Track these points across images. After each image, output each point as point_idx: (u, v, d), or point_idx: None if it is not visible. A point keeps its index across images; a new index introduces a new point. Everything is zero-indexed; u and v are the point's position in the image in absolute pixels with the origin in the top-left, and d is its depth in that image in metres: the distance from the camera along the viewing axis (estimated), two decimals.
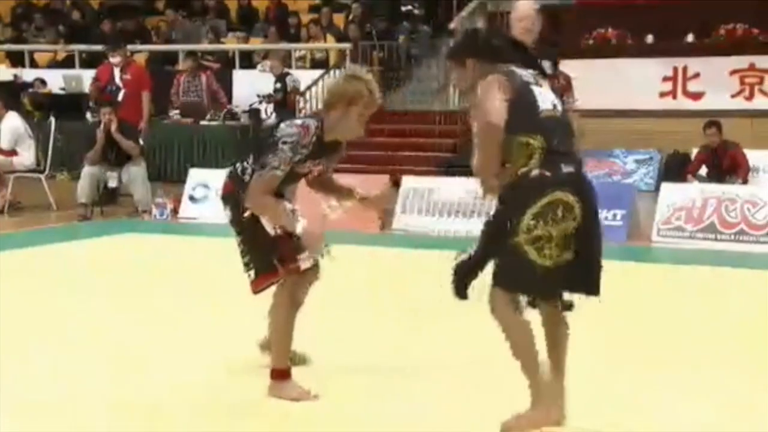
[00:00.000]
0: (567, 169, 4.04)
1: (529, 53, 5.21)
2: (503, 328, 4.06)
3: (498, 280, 4.05)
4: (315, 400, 4.60)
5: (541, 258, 3.96)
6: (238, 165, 4.73)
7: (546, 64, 5.92)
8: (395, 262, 8.69)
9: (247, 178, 4.64)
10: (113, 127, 11.41)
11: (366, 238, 9.64)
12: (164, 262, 8.65)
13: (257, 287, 4.71)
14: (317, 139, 4.60)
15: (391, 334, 5.92)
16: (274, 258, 4.62)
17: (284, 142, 4.51)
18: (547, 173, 3.99)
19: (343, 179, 5.07)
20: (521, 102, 4.04)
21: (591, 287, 4.14)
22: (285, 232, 4.59)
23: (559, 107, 4.20)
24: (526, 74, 4.17)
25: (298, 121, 4.62)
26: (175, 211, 11.57)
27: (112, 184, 11.66)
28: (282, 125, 4.60)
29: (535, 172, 3.99)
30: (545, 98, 4.13)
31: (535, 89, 4.13)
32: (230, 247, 4.80)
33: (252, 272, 4.68)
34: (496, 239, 4.05)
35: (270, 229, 4.62)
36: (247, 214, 4.62)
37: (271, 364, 4.73)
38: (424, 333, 5.90)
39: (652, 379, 4.95)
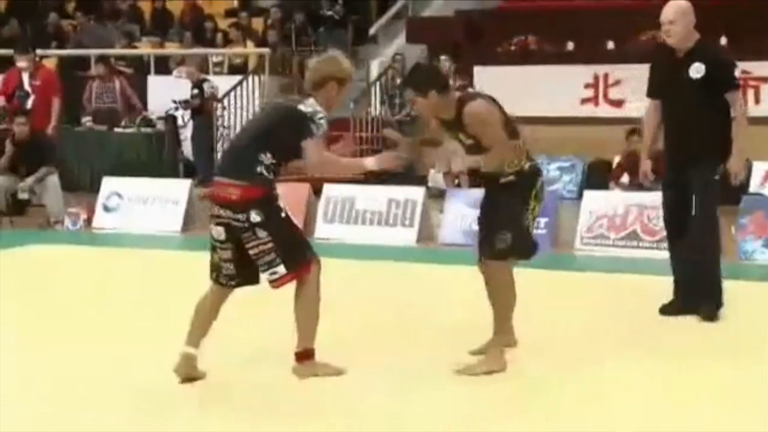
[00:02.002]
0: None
1: (674, 55, 6.22)
2: (504, 284, 5.26)
3: (515, 251, 5.23)
4: (345, 373, 5.00)
5: (530, 227, 5.32)
6: (255, 168, 4.77)
7: (697, 66, 6.05)
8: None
9: (272, 175, 4.81)
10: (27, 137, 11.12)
11: None
12: (78, 273, 8.43)
13: (283, 282, 4.89)
14: None
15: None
16: (308, 253, 4.93)
17: (321, 118, 4.84)
18: (533, 164, 5.35)
19: None
20: (506, 116, 5.26)
21: None
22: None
23: None
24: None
25: (309, 100, 4.89)
26: (88, 221, 11.31)
27: (24, 195, 11.31)
28: (300, 107, 4.85)
29: (528, 165, 5.30)
30: None
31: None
32: (146, 256, 4.67)
33: (280, 268, 4.83)
34: (515, 217, 5.20)
35: (300, 223, 4.92)
36: (283, 214, 4.82)
37: (299, 346, 4.97)
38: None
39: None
